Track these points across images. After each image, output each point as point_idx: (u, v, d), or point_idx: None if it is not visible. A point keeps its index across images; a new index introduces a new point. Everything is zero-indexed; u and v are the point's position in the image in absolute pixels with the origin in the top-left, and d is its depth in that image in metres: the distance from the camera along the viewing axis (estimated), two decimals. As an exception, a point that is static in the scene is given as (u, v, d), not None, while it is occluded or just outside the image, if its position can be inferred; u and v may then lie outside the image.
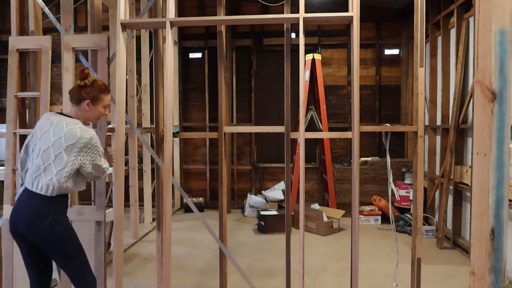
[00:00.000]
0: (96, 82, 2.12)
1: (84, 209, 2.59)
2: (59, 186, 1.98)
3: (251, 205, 5.54)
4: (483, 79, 0.96)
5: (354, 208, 2.31)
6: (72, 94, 2.10)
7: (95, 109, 2.13)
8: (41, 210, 1.97)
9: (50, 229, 1.96)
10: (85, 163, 2.04)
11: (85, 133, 2.02)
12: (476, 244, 0.99)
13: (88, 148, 2.03)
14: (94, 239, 2.56)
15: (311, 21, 2.40)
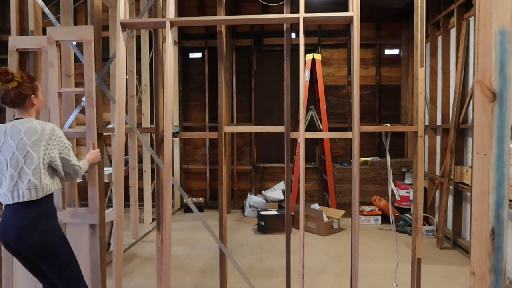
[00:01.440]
0: (24, 75, 2.03)
1: (77, 212, 2.55)
2: (41, 186, 1.91)
3: (251, 205, 5.54)
4: (483, 79, 0.96)
5: (354, 208, 2.31)
6: (12, 100, 1.98)
7: (39, 99, 2.10)
8: (28, 221, 1.88)
9: (42, 240, 1.89)
10: (54, 157, 1.98)
11: (45, 125, 1.99)
12: (476, 244, 0.99)
13: (53, 140, 1.98)
14: (88, 242, 2.54)
15: (311, 21, 2.40)
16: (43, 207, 1.95)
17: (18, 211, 1.90)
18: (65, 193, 2.66)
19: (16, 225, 1.88)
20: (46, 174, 1.96)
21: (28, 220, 1.89)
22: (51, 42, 2.59)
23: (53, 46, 2.59)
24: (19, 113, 2.05)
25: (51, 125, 2.02)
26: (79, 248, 2.46)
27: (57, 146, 2.00)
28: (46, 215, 1.95)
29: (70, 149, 2.06)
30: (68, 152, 2.05)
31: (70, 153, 2.06)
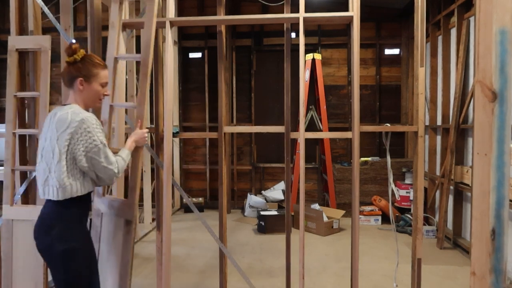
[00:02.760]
0: (88, 56, 1.83)
1: (115, 202, 2.12)
2: (61, 186, 1.69)
3: (251, 205, 5.53)
4: (484, 79, 0.95)
5: (354, 208, 2.31)
6: (63, 75, 1.82)
7: (91, 88, 1.82)
8: (47, 220, 1.74)
9: (52, 246, 1.71)
10: (77, 154, 1.69)
11: (75, 116, 1.70)
12: (476, 244, 0.99)
13: (79, 134, 1.68)
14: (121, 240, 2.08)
15: (311, 21, 2.40)
16: (67, 211, 1.74)
17: (45, 207, 1.78)
18: None
19: (38, 220, 1.78)
20: (74, 173, 1.72)
21: (48, 218, 1.74)
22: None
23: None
24: (68, 97, 1.85)
25: (83, 116, 1.71)
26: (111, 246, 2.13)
27: (82, 142, 1.69)
28: (67, 220, 1.74)
29: (102, 147, 1.72)
30: (98, 151, 1.71)
31: (101, 153, 1.72)
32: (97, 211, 2.19)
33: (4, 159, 2.66)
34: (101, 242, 2.17)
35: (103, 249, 2.16)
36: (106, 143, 1.75)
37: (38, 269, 2.56)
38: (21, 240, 2.59)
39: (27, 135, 2.87)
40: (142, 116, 2.06)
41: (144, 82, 2.10)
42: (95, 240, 2.16)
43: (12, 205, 2.64)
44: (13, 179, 2.69)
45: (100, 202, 2.18)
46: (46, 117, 1.87)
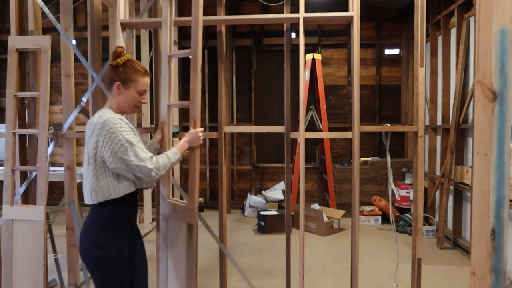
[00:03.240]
0: (130, 62, 1.81)
1: (178, 206, 2.03)
2: (93, 190, 1.69)
3: (251, 205, 5.53)
4: (484, 79, 0.95)
5: (354, 208, 2.31)
6: (104, 77, 1.86)
7: (128, 93, 1.79)
8: (86, 224, 1.74)
9: (89, 251, 1.69)
10: (106, 157, 1.66)
11: (99, 119, 1.68)
12: (476, 244, 0.99)
13: (103, 136, 1.65)
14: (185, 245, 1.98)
15: (311, 21, 2.40)
16: (104, 214, 1.71)
17: (90, 211, 1.77)
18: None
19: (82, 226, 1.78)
20: (105, 176, 1.69)
21: (86, 225, 1.74)
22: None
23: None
24: (108, 99, 1.85)
25: (106, 118, 1.67)
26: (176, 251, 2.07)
27: (109, 144, 1.65)
28: (104, 224, 1.71)
29: (129, 146, 1.66)
30: (125, 150, 1.66)
31: (129, 152, 1.66)
32: (163, 215, 2.11)
33: (4, 159, 2.66)
34: (169, 246, 2.10)
35: (171, 253, 2.09)
36: (134, 141, 1.68)
37: (38, 269, 2.56)
38: (21, 240, 2.60)
39: (27, 135, 2.87)
40: (195, 115, 1.92)
41: (195, 78, 1.96)
42: (163, 244, 2.09)
43: (12, 205, 2.65)
44: (13, 179, 2.69)
45: (164, 205, 2.10)
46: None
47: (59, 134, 2.88)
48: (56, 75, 5.87)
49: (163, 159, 1.74)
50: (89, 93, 2.78)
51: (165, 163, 1.74)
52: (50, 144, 2.87)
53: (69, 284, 3.18)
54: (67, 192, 3.18)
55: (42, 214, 2.58)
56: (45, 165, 2.62)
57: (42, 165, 2.62)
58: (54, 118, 6.24)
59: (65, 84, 3.14)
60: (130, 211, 1.82)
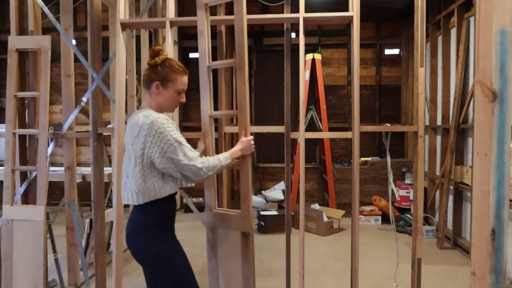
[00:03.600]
0: (168, 61, 1.79)
1: (229, 216, 2.02)
2: (140, 190, 1.67)
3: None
4: (484, 79, 0.95)
5: (354, 208, 2.31)
6: (143, 76, 1.83)
7: (167, 93, 1.78)
8: (135, 226, 1.72)
9: (145, 253, 1.70)
10: (155, 157, 1.66)
11: (146, 119, 1.67)
12: (476, 244, 0.99)
13: (152, 137, 1.65)
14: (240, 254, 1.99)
15: (311, 21, 2.40)
16: (150, 213, 1.71)
17: (131, 213, 1.76)
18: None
19: (127, 227, 1.76)
20: (151, 176, 1.68)
21: (134, 226, 1.73)
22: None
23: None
24: (143, 101, 1.84)
25: (153, 118, 1.67)
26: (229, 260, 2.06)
27: (157, 144, 1.65)
28: (151, 224, 1.71)
29: (178, 146, 1.67)
30: (174, 150, 1.66)
31: (178, 151, 1.67)
32: (211, 226, 2.09)
33: (4, 159, 2.66)
34: (219, 257, 2.09)
35: (222, 264, 2.08)
36: (182, 141, 1.70)
37: (38, 269, 2.56)
38: (21, 240, 2.60)
39: (27, 135, 2.87)
40: (245, 123, 1.94)
41: (242, 88, 1.97)
42: (212, 256, 2.10)
43: (12, 205, 2.65)
44: (13, 179, 2.69)
45: (211, 216, 2.07)
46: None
47: (59, 134, 2.88)
48: (56, 75, 5.87)
49: (214, 160, 1.76)
50: (89, 93, 2.78)
51: (215, 164, 1.75)
52: (50, 144, 2.87)
53: (69, 284, 3.18)
54: (67, 192, 3.18)
55: (42, 214, 2.58)
56: (45, 165, 2.62)
57: (42, 165, 2.62)
58: (54, 118, 6.24)
59: (65, 84, 3.14)
60: (173, 208, 1.82)
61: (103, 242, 2.76)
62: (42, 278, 2.55)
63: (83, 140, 6.16)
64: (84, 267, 2.95)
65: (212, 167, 1.74)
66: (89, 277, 3.00)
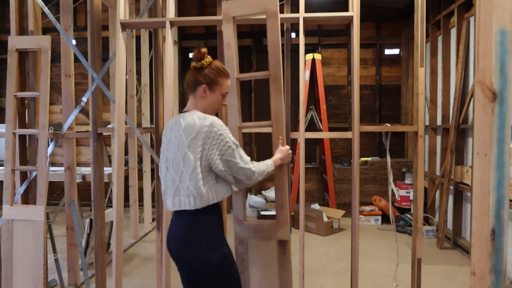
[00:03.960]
0: (214, 63, 1.77)
1: (262, 226, 2.05)
2: (199, 194, 1.63)
3: (251, 205, 5.53)
4: (484, 79, 0.95)
5: (354, 208, 2.31)
6: (187, 80, 1.79)
7: (213, 96, 1.77)
8: (191, 232, 1.66)
9: (207, 258, 1.63)
10: (213, 159, 1.64)
11: (203, 121, 1.64)
12: (476, 244, 0.99)
13: (211, 139, 1.63)
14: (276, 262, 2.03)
15: (311, 21, 2.40)
16: (207, 218, 1.68)
17: (180, 220, 1.69)
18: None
19: (178, 236, 1.68)
20: (208, 180, 1.66)
21: (191, 233, 1.66)
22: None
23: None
24: (188, 103, 1.81)
25: (211, 120, 1.66)
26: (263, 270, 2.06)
27: (216, 146, 1.64)
28: (210, 229, 1.68)
29: (235, 148, 1.68)
30: (232, 152, 1.66)
31: (235, 154, 1.67)
32: (241, 239, 2.09)
33: (4, 159, 2.66)
34: (251, 268, 2.08)
35: (254, 275, 2.07)
36: (238, 144, 1.70)
37: (38, 269, 2.56)
38: (21, 240, 2.60)
39: (27, 135, 2.87)
40: (282, 132, 2.03)
41: (278, 99, 2.04)
42: (243, 268, 2.09)
43: (12, 205, 2.65)
44: (13, 179, 2.69)
45: (242, 228, 2.07)
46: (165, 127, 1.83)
47: (59, 134, 2.88)
48: (56, 75, 5.87)
49: (263, 166, 1.79)
50: (89, 93, 2.78)
51: (264, 169, 1.78)
52: (50, 144, 2.87)
53: (69, 284, 3.18)
54: (67, 192, 3.18)
55: (42, 214, 2.58)
56: (45, 165, 2.62)
57: (42, 165, 2.62)
58: (54, 118, 6.24)
59: (65, 84, 3.14)
60: (222, 214, 1.80)
61: (103, 242, 2.77)
62: (42, 278, 2.55)
63: (83, 140, 6.16)
64: (84, 267, 2.95)
65: (262, 172, 1.76)
66: (89, 277, 3.00)
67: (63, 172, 3.20)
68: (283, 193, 2.02)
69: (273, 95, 2.04)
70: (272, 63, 2.04)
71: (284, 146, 2.00)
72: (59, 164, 5.80)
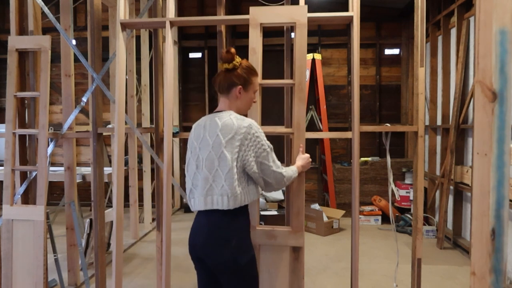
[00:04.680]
0: (243, 63, 1.78)
1: (276, 232, 2.05)
2: (233, 194, 1.62)
3: (251, 205, 5.53)
4: (484, 79, 0.95)
5: (354, 208, 2.31)
6: (220, 82, 1.77)
7: (247, 95, 1.79)
8: (222, 231, 1.64)
9: (234, 259, 1.62)
10: (248, 160, 1.64)
11: (242, 122, 1.66)
12: (476, 244, 0.99)
13: (248, 140, 1.64)
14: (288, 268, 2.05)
15: (311, 21, 2.39)
16: (239, 219, 1.68)
17: (211, 219, 1.66)
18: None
19: (207, 234, 1.65)
20: (242, 181, 1.66)
21: (221, 232, 1.64)
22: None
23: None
24: (221, 104, 1.80)
25: (249, 121, 1.67)
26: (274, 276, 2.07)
27: (252, 148, 1.65)
28: (241, 229, 1.68)
29: (270, 152, 1.70)
30: (267, 155, 1.68)
31: (269, 157, 1.70)
32: (253, 244, 2.03)
33: (4, 159, 2.66)
34: (261, 274, 2.08)
35: (264, 282, 2.08)
36: (272, 147, 1.73)
37: (38, 269, 2.56)
38: (21, 240, 2.60)
39: (27, 135, 2.87)
40: (303, 140, 2.10)
41: (301, 107, 2.08)
42: None
43: (12, 205, 2.65)
44: (13, 179, 2.69)
45: (255, 234, 2.07)
46: (193, 126, 1.82)
47: (59, 134, 2.88)
48: (56, 75, 5.88)
49: (291, 171, 1.82)
50: (89, 93, 2.78)
51: (291, 175, 1.82)
52: (50, 144, 2.87)
53: (69, 284, 3.18)
54: (67, 192, 3.18)
55: (42, 214, 2.58)
56: (45, 165, 2.62)
57: (42, 165, 2.62)
58: (54, 118, 6.24)
59: (65, 84, 3.14)
60: (249, 216, 1.80)
61: (103, 242, 2.77)
62: (42, 278, 2.55)
63: (83, 140, 6.16)
64: (84, 267, 2.95)
65: (290, 177, 1.80)
66: (89, 277, 3.00)
67: (63, 172, 3.20)
68: (300, 200, 2.05)
69: (296, 103, 2.08)
70: (297, 72, 2.09)
71: (304, 154, 2.05)
72: (59, 164, 5.80)
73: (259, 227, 2.09)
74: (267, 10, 2.14)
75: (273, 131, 2.25)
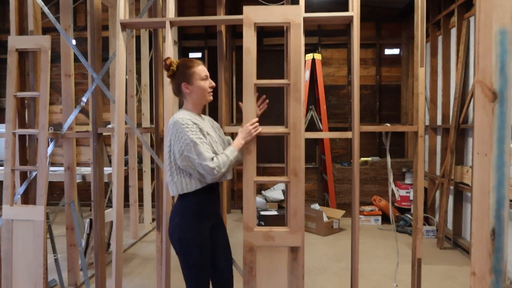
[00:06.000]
0: (180, 63, 1.96)
1: (273, 233, 2.08)
2: (173, 183, 1.89)
3: (251, 205, 5.53)
4: (484, 79, 0.95)
5: (354, 208, 2.31)
6: (173, 90, 2.00)
7: (195, 86, 1.93)
8: (173, 210, 1.95)
9: (173, 233, 1.91)
10: (177, 156, 1.84)
11: (172, 119, 1.86)
12: (476, 244, 0.99)
13: (174, 136, 1.83)
14: (286, 269, 2.08)
15: (311, 21, 2.40)
16: (184, 203, 1.90)
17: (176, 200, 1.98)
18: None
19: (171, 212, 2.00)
20: (177, 172, 1.87)
21: (172, 212, 1.95)
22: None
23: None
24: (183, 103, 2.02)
25: (176, 118, 1.85)
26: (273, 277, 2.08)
27: (178, 143, 1.82)
28: (184, 212, 1.89)
29: (193, 145, 1.80)
30: (190, 149, 1.79)
31: (193, 150, 1.79)
32: (249, 246, 2.10)
33: (4, 159, 2.66)
34: (258, 276, 2.09)
35: (261, 283, 2.09)
36: (198, 141, 1.81)
37: (38, 269, 2.56)
38: (21, 240, 2.60)
39: (27, 135, 2.87)
40: (300, 140, 2.11)
41: (297, 107, 2.06)
42: (250, 277, 2.10)
43: (12, 205, 2.65)
44: (13, 179, 2.69)
45: (252, 235, 2.09)
46: None
47: (59, 134, 2.88)
48: (56, 75, 5.88)
49: (223, 158, 1.87)
50: (89, 93, 2.78)
51: (224, 160, 1.87)
52: (50, 144, 2.87)
53: (69, 284, 3.18)
54: (67, 192, 3.18)
55: (42, 214, 2.58)
56: (45, 165, 2.62)
57: (42, 165, 2.62)
58: (54, 118, 6.24)
59: (65, 84, 3.14)
60: (210, 200, 1.97)
61: (103, 242, 2.77)
62: (42, 278, 2.55)
63: (83, 140, 6.16)
64: (84, 267, 2.95)
65: (223, 164, 1.85)
66: (89, 277, 3.00)
67: (63, 172, 3.20)
68: (298, 200, 2.06)
69: (291, 104, 2.06)
70: (292, 72, 2.08)
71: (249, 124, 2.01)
72: (59, 164, 5.80)
73: (256, 228, 2.08)
74: (261, 9, 2.12)
75: (271, 131, 2.24)
